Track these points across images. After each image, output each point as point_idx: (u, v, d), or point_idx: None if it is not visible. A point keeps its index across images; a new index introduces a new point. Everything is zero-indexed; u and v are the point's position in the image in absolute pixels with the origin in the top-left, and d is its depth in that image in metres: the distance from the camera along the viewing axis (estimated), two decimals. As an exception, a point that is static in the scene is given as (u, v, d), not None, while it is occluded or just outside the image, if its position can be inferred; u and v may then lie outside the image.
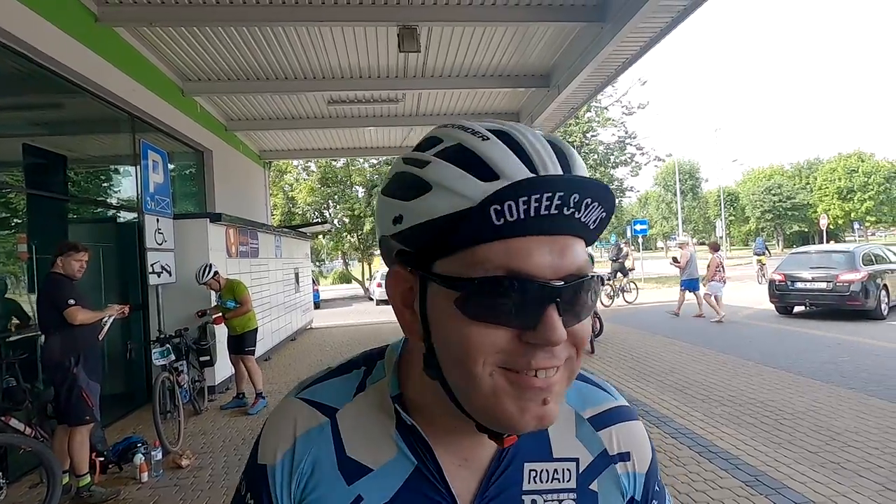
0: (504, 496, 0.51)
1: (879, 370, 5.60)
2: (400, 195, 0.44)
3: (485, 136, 0.42)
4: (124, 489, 3.52)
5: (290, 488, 0.50)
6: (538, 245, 0.40)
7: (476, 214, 0.40)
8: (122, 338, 5.44)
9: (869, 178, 44.80)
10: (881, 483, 3.07)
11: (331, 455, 0.50)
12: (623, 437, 0.56)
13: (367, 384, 0.53)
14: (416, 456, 0.50)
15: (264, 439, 0.53)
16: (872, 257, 9.75)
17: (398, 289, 0.48)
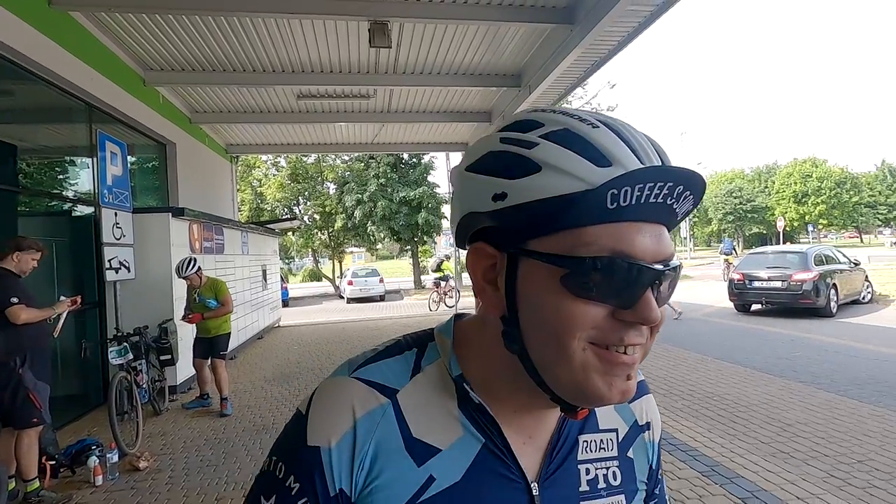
0: (564, 467, 0.53)
1: (828, 365, 5.90)
2: (503, 173, 0.45)
3: (594, 123, 0.44)
4: (77, 493, 3.37)
5: (350, 472, 0.48)
6: (642, 230, 0.43)
7: (593, 197, 0.41)
8: (76, 336, 5.21)
9: (822, 182, 47.07)
10: (826, 471, 3.24)
11: (396, 437, 0.49)
12: (646, 408, 0.61)
13: (423, 367, 0.53)
14: (483, 434, 0.50)
15: (316, 419, 0.49)
16: (823, 258, 10.25)
17: (480, 265, 0.49)
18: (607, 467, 0.55)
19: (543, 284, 0.44)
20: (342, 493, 0.48)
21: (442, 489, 0.48)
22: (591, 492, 0.54)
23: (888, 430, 3.85)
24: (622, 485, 0.55)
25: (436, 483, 0.48)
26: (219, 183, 10.60)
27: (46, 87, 4.93)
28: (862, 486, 3.03)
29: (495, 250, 0.47)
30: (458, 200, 0.50)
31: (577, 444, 0.55)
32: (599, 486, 0.54)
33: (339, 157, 22.60)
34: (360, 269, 21.47)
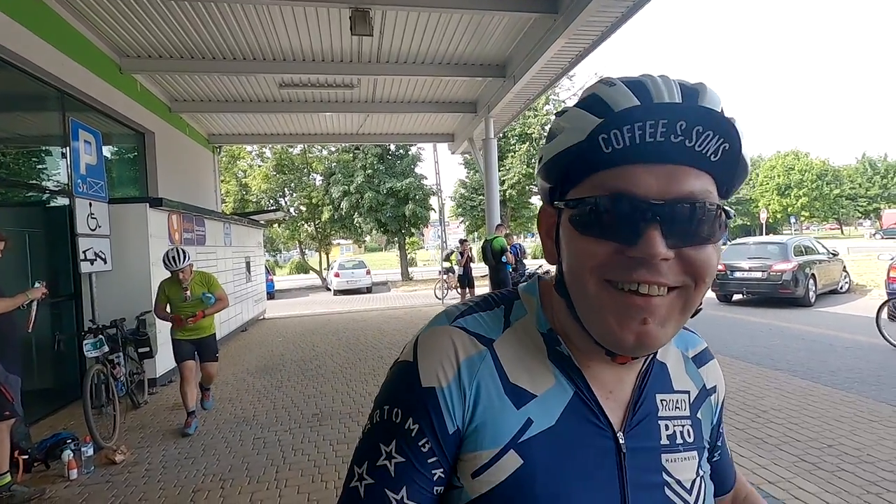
0: (645, 422, 0.57)
1: (804, 353, 6.02)
2: (545, 141, 0.52)
3: (613, 82, 0.47)
4: (51, 487, 3.32)
5: (462, 409, 0.51)
6: (646, 171, 0.44)
7: (587, 145, 0.45)
8: (52, 329, 5.11)
9: (804, 175, 47.81)
10: (797, 455, 3.31)
11: (496, 381, 0.53)
12: (712, 373, 0.66)
13: (513, 321, 0.57)
14: (571, 384, 0.54)
15: (426, 363, 0.53)
16: (803, 249, 10.43)
17: (544, 224, 0.55)
18: (682, 425, 0.60)
19: (566, 228, 0.50)
20: (458, 431, 0.51)
21: (540, 431, 0.52)
22: (671, 446, 0.58)
23: (858, 416, 3.94)
24: (695, 442, 0.60)
25: (534, 425, 0.52)
26: (201, 173, 10.44)
27: (16, 73, 4.78)
28: (831, 469, 3.10)
29: (552, 208, 0.53)
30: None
31: (657, 402, 0.59)
32: (678, 442, 0.58)
33: (325, 147, 22.38)
34: (347, 261, 21.36)
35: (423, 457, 0.51)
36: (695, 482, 0.58)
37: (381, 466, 0.51)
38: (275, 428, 4.29)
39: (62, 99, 5.55)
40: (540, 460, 0.51)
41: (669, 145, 0.43)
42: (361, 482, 0.52)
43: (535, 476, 0.50)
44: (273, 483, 3.27)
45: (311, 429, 4.23)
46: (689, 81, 0.46)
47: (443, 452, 0.51)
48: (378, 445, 0.52)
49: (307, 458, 3.64)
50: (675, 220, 0.45)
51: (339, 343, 8.13)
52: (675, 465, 0.57)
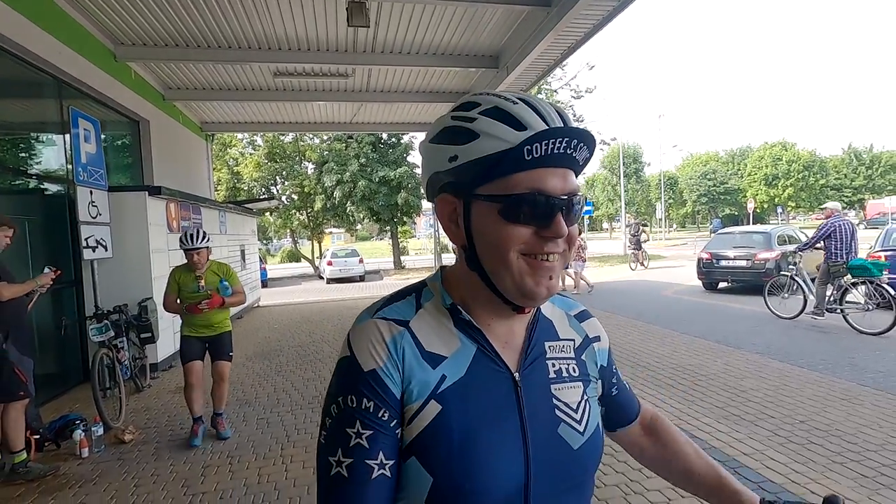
0: (536, 363, 0.72)
1: (783, 337, 6.29)
2: (455, 141, 0.63)
3: (514, 101, 0.62)
4: (64, 465, 3.46)
5: (398, 376, 0.64)
6: (552, 173, 0.61)
7: (515, 152, 0.59)
8: (54, 315, 5.20)
9: (791, 166, 48.42)
10: (771, 430, 3.54)
11: (415, 352, 0.66)
12: (593, 327, 0.83)
13: (423, 303, 0.71)
14: (473, 342, 0.69)
15: (361, 352, 0.64)
16: (787, 238, 10.72)
17: (445, 210, 0.67)
18: (567, 364, 0.75)
19: (488, 217, 0.63)
20: (400, 394, 0.64)
21: (453, 382, 0.66)
22: (558, 378, 0.73)
23: (830, 395, 4.19)
24: (580, 376, 0.76)
25: (447, 379, 0.66)
26: (194, 161, 10.44)
27: (13, 61, 4.81)
28: (801, 442, 3.34)
29: (455, 198, 0.66)
30: (426, 165, 0.68)
31: (545, 347, 0.74)
32: (563, 375, 0.74)
33: (318, 136, 22.29)
34: (340, 250, 21.42)
35: (385, 423, 0.62)
36: (580, 404, 0.73)
37: (354, 445, 0.61)
38: (277, 409, 4.46)
39: (59, 87, 5.57)
40: (454, 404, 0.64)
41: (563, 155, 0.60)
42: (341, 465, 0.60)
43: (451, 416, 0.63)
44: (279, 459, 3.44)
45: (313, 410, 4.40)
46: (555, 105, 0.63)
47: (396, 413, 0.63)
48: (345, 430, 0.62)
49: (310, 436, 3.82)
50: (569, 208, 0.63)
51: (335, 330, 8.28)
52: (562, 392, 0.72)
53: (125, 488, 3.12)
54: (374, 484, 0.61)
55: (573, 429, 0.70)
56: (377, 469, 0.61)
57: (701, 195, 52.21)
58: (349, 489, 0.60)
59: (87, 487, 3.15)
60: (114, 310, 4.76)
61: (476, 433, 0.63)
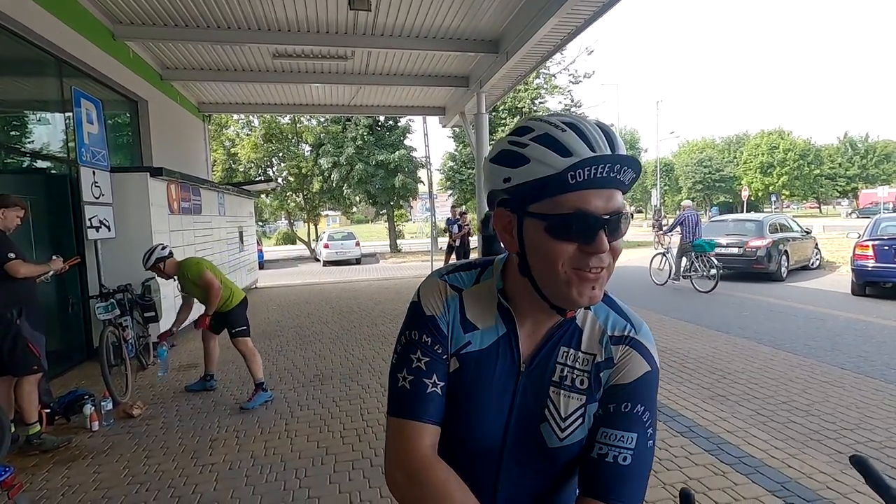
0: (545, 363, 0.81)
1: (771, 323, 6.48)
2: (509, 164, 0.70)
3: (563, 128, 0.68)
4: (75, 437, 3.58)
5: (447, 325, 0.81)
6: (595, 195, 0.67)
7: (559, 177, 0.66)
8: (57, 294, 5.28)
9: (787, 154, 48.53)
10: (754, 409, 3.72)
11: (457, 315, 0.81)
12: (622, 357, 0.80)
13: (482, 279, 0.84)
14: (505, 326, 0.81)
15: (426, 301, 0.82)
16: (778, 226, 10.89)
17: (501, 222, 0.76)
18: (578, 375, 0.80)
19: (538, 233, 0.70)
20: (448, 336, 0.81)
21: (474, 350, 0.81)
22: (559, 384, 0.80)
23: (812, 377, 4.37)
24: (586, 390, 0.79)
25: (471, 346, 0.81)
26: (191, 142, 10.42)
27: (12, 38, 4.80)
28: (783, 421, 3.51)
29: (510, 213, 0.74)
30: (486, 181, 0.76)
31: (559, 349, 0.80)
32: (566, 383, 0.80)
33: (315, 118, 22.13)
34: (337, 233, 21.46)
35: (439, 355, 0.79)
36: (573, 415, 0.79)
37: (415, 367, 0.79)
38: (280, 387, 4.59)
39: (59, 66, 5.56)
40: (469, 368, 0.80)
41: (607, 178, 0.66)
42: (406, 381, 0.78)
43: (464, 376, 0.80)
44: (284, 433, 3.58)
45: (314, 387, 4.54)
46: (601, 124, 0.69)
47: (446, 348, 0.80)
48: (409, 356, 0.79)
49: (312, 412, 3.96)
50: (612, 226, 0.68)
51: (334, 311, 8.41)
52: (558, 397, 0.79)
53: (137, 459, 3.25)
54: (428, 397, 0.78)
55: (553, 431, 0.78)
56: (431, 386, 0.78)
57: (696, 182, 52.35)
58: (410, 397, 0.78)
59: (99, 458, 3.28)
60: (118, 289, 4.85)
61: (477, 396, 0.80)
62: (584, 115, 0.75)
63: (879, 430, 3.34)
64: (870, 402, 3.79)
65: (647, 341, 0.81)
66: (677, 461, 3.00)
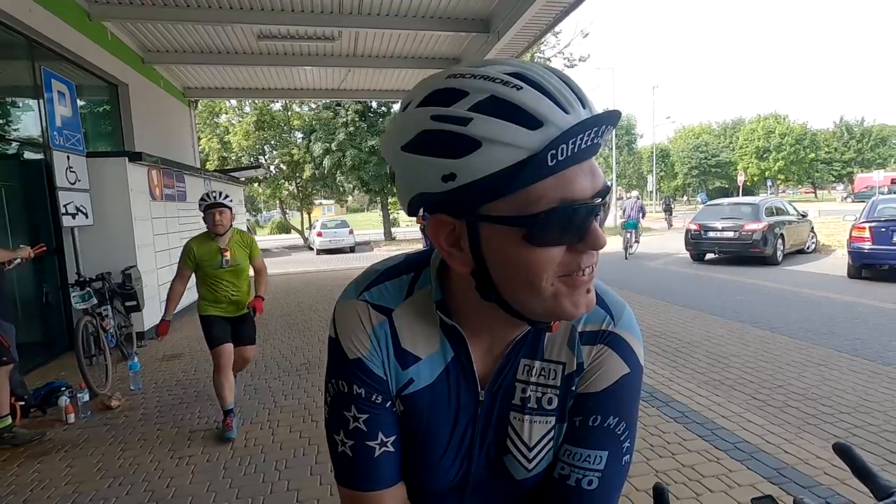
0: (506, 383, 0.64)
1: (766, 307, 6.40)
2: (445, 153, 0.47)
3: (517, 84, 0.46)
4: (50, 431, 3.46)
5: (381, 361, 0.62)
6: (579, 172, 0.48)
7: (536, 160, 0.45)
8: (35, 283, 5.13)
9: (783, 139, 48.39)
10: (750, 394, 3.63)
11: (390, 347, 0.62)
12: (595, 355, 0.64)
13: (415, 289, 0.63)
14: (454, 347, 0.62)
15: (345, 339, 0.62)
16: (774, 210, 10.80)
17: (441, 233, 0.53)
18: (542, 393, 0.63)
19: (508, 243, 0.49)
20: (386, 375, 0.62)
21: (419, 388, 0.63)
22: (521, 408, 0.64)
23: (807, 360, 4.29)
24: (554, 410, 0.64)
25: (415, 384, 0.62)
26: (177, 128, 10.17)
27: (-21, 18, 4.58)
28: (779, 405, 3.43)
29: (453, 219, 0.52)
30: (404, 180, 0.53)
31: (520, 366, 0.64)
32: (529, 405, 0.64)
33: (304, 103, 21.79)
34: (330, 221, 21.26)
35: (380, 406, 0.62)
36: (541, 441, 0.64)
37: (353, 429, 0.61)
38: (265, 376, 4.48)
39: (31, 48, 5.33)
40: (418, 407, 0.63)
41: (590, 146, 0.48)
42: (346, 445, 0.62)
43: (411, 417, 0.63)
44: (266, 424, 3.47)
45: (300, 376, 4.43)
46: (557, 72, 0.49)
47: (389, 393, 0.62)
48: (343, 414, 0.62)
49: (297, 401, 3.85)
50: (602, 210, 0.51)
51: (324, 299, 8.29)
52: (521, 423, 0.63)
53: (112, 453, 3.13)
54: (377, 462, 0.62)
55: (520, 463, 0.64)
56: (379, 448, 0.62)
57: (692, 168, 52.21)
58: (355, 467, 0.62)
59: (73, 452, 3.16)
60: (96, 277, 4.70)
61: (431, 439, 0.64)
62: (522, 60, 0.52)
63: (877, 413, 3.25)
64: (867, 386, 3.71)
65: (628, 333, 0.65)
66: (670, 448, 2.91)
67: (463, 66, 0.50)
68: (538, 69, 0.49)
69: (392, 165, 0.54)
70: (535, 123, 0.45)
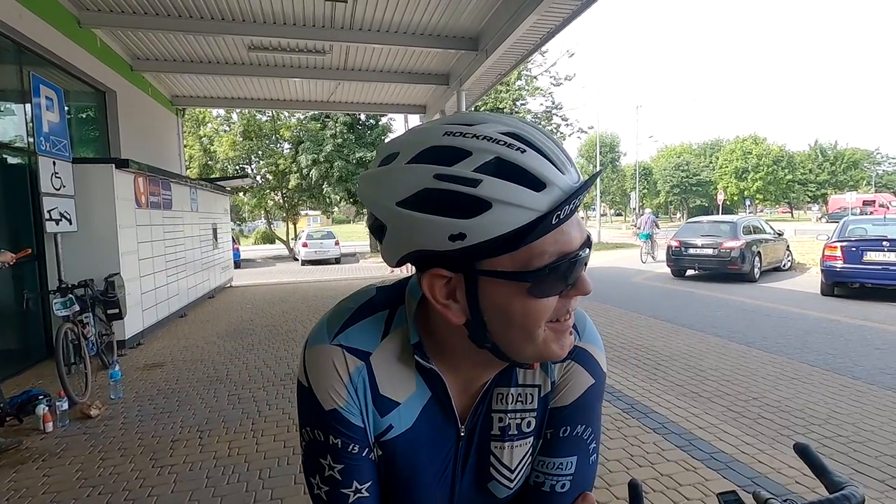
0: (483, 414, 0.66)
1: (743, 322, 6.57)
2: (454, 214, 0.48)
3: (519, 147, 0.50)
4: (27, 439, 3.39)
5: (360, 410, 0.61)
6: (571, 227, 0.52)
7: (544, 221, 0.48)
8: (15, 289, 5.04)
9: (760, 160, 49.81)
10: (726, 406, 3.73)
11: (368, 394, 0.61)
12: (563, 372, 0.68)
13: (392, 329, 0.62)
14: (431, 388, 0.63)
15: (319, 388, 0.60)
16: (752, 228, 11.12)
17: (437, 286, 0.54)
18: (522, 418, 0.66)
19: (510, 295, 0.52)
20: (365, 424, 0.62)
21: (399, 433, 0.63)
22: (501, 436, 0.66)
23: (783, 374, 4.43)
24: (531, 432, 0.67)
25: (392, 430, 0.63)
26: (164, 136, 10.13)
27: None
28: (754, 417, 3.53)
29: (450, 272, 0.53)
30: (398, 236, 0.53)
31: (493, 395, 0.66)
32: (509, 433, 0.66)
33: (293, 115, 21.83)
34: (316, 231, 21.19)
35: (356, 455, 0.61)
36: (520, 463, 0.67)
37: (328, 476, 0.61)
38: (248, 386, 4.45)
39: (19, 53, 5.32)
40: (398, 452, 0.63)
41: (579, 203, 0.52)
42: (321, 490, 0.62)
43: (393, 462, 0.63)
44: (250, 433, 3.46)
45: (285, 386, 4.41)
46: (548, 134, 0.54)
47: (367, 442, 0.62)
48: (319, 461, 0.62)
49: (282, 411, 3.84)
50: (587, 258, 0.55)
51: (309, 310, 8.25)
52: (502, 451, 0.66)
53: (91, 461, 3.09)
54: None
55: (503, 485, 0.68)
56: (353, 495, 0.62)
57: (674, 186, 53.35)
58: None
59: (51, 461, 3.11)
60: (78, 284, 4.64)
61: (412, 480, 0.65)
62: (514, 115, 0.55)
63: (847, 425, 3.38)
64: (837, 398, 3.84)
65: (592, 346, 0.68)
66: (649, 457, 2.98)
67: (457, 125, 0.52)
68: (531, 130, 0.52)
69: (381, 218, 0.54)
70: (540, 186, 0.49)
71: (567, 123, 24.21)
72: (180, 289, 7.67)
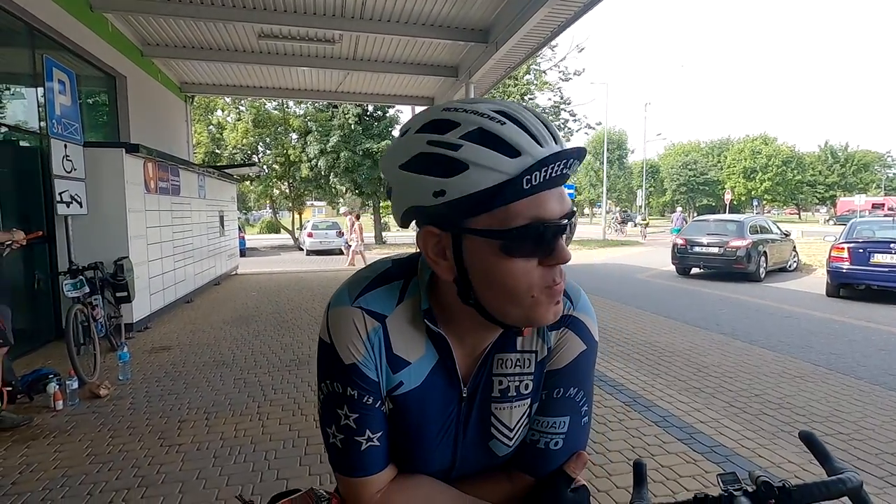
0: (484, 377, 0.72)
1: (747, 321, 6.57)
2: (438, 173, 0.56)
3: (501, 120, 0.56)
4: (38, 416, 3.46)
5: (374, 365, 0.67)
6: (550, 197, 0.57)
7: (513, 184, 0.55)
8: (25, 270, 5.10)
9: (770, 160, 49.41)
10: (727, 402, 3.75)
11: (383, 352, 0.67)
12: (558, 338, 0.73)
13: (405, 298, 0.68)
14: (439, 351, 0.69)
15: (340, 345, 0.66)
16: (758, 227, 11.07)
17: (429, 243, 0.61)
18: (518, 381, 0.72)
19: (486, 253, 0.58)
20: (379, 378, 0.68)
21: (408, 390, 0.69)
22: (501, 398, 0.72)
23: (784, 372, 4.44)
24: (530, 393, 0.73)
25: (403, 386, 0.68)
26: (172, 122, 10.17)
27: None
28: (755, 413, 3.55)
29: (440, 230, 0.60)
30: (399, 194, 0.61)
31: (493, 360, 0.72)
32: (509, 395, 0.72)
33: (301, 104, 21.83)
34: (321, 222, 21.24)
35: (370, 406, 0.67)
36: (518, 423, 0.73)
37: (344, 425, 0.67)
38: (254, 370, 4.51)
39: (32, 36, 5.35)
40: (406, 407, 0.69)
41: (560, 175, 0.57)
42: (336, 438, 0.68)
43: (402, 415, 0.69)
44: (256, 416, 3.51)
45: (290, 371, 4.46)
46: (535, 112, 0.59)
47: (379, 395, 0.68)
48: (335, 411, 0.67)
49: (286, 395, 3.89)
50: (569, 229, 0.60)
51: (314, 298, 8.31)
52: (502, 411, 0.72)
53: (101, 439, 3.15)
54: (364, 454, 0.68)
55: (503, 443, 0.73)
56: (365, 442, 0.68)
57: (681, 184, 53.03)
58: (344, 457, 0.69)
59: (61, 437, 3.17)
60: (89, 266, 4.70)
61: (418, 434, 0.70)
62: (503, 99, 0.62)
63: (848, 422, 3.39)
64: (839, 397, 3.85)
65: (585, 315, 0.74)
66: (651, 449, 3.01)
67: (457, 102, 0.59)
68: (520, 108, 0.58)
69: (389, 182, 0.63)
70: (513, 153, 0.55)
71: (575, 119, 24.12)
72: (187, 274, 7.74)
